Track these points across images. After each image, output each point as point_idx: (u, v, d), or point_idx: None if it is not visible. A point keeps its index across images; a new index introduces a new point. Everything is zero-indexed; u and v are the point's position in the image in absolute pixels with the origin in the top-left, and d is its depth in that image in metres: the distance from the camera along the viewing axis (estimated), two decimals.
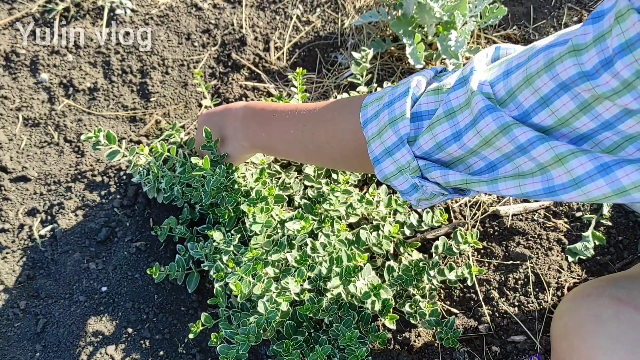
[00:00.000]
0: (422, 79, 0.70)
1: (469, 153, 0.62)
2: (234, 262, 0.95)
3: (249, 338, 0.86)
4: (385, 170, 0.71)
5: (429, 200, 0.73)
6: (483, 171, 0.63)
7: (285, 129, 0.88)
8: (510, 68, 0.57)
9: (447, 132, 0.62)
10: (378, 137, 0.70)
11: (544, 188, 0.56)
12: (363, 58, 1.13)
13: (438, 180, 0.67)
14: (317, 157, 0.89)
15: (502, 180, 0.60)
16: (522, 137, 0.55)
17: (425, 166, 0.67)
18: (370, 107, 0.73)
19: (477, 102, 0.57)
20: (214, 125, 0.99)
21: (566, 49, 0.49)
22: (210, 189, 0.97)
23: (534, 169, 0.57)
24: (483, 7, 1.18)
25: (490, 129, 0.57)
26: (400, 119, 0.67)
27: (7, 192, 1.14)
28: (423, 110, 0.67)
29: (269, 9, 1.38)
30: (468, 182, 0.63)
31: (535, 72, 0.53)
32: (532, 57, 0.54)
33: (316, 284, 0.95)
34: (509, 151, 0.58)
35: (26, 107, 1.24)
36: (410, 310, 0.97)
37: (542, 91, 0.53)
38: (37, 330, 1.01)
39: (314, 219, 1.00)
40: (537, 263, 1.06)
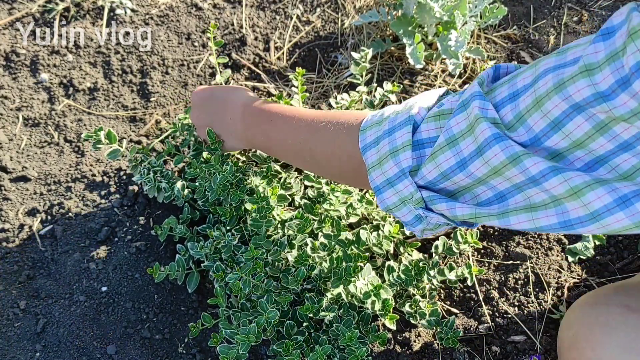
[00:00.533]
0: (423, 105, 0.67)
1: (477, 182, 0.60)
2: (234, 261, 0.95)
3: (249, 338, 0.86)
4: (388, 201, 0.68)
5: (433, 230, 0.71)
6: (492, 201, 0.61)
7: (284, 138, 0.87)
8: (517, 90, 0.55)
9: (451, 161, 0.60)
10: (379, 167, 0.68)
11: (559, 222, 0.53)
12: (362, 58, 1.12)
13: (445, 213, 0.64)
14: (315, 170, 0.89)
15: (513, 213, 0.57)
16: (534, 168, 0.52)
17: (430, 198, 0.65)
18: (369, 131, 0.71)
19: (483, 130, 0.55)
20: (211, 111, 0.98)
21: (578, 69, 0.47)
22: (217, 185, 0.98)
23: (546, 201, 0.54)
24: (483, 7, 1.18)
25: (499, 159, 0.55)
26: (402, 150, 0.65)
27: (7, 192, 1.14)
28: (424, 137, 0.64)
29: (269, 9, 1.38)
30: (477, 216, 0.60)
31: (545, 94, 0.50)
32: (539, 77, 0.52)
33: (316, 284, 0.95)
34: (520, 182, 0.55)
35: (26, 107, 1.24)
36: (410, 310, 0.97)
37: (553, 114, 0.50)
38: (37, 330, 1.01)
39: (314, 219, 1.00)
40: (537, 263, 1.06)
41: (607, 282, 1.04)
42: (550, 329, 1.00)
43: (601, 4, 1.37)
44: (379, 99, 1.12)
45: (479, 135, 0.55)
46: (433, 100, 0.69)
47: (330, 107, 1.22)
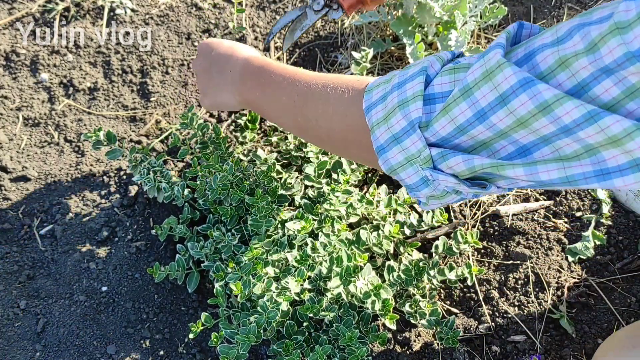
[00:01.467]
0: (437, 60, 0.62)
1: (497, 135, 0.55)
2: (234, 262, 0.95)
3: (249, 338, 0.86)
4: (392, 160, 0.63)
5: (439, 199, 0.65)
6: (513, 157, 0.56)
7: (278, 96, 0.82)
8: (533, 49, 0.51)
9: (467, 113, 0.55)
10: (384, 122, 0.62)
11: (594, 171, 0.49)
12: (363, 58, 1.13)
13: (457, 168, 0.58)
14: (304, 131, 0.83)
15: (541, 162, 0.52)
16: (567, 117, 0.48)
17: (442, 154, 0.59)
18: (375, 90, 0.66)
19: (508, 77, 0.50)
20: (213, 63, 0.96)
21: (607, 27, 0.44)
22: (217, 185, 0.98)
23: (579, 151, 0.50)
24: (483, 7, 1.18)
25: (526, 109, 0.50)
26: (412, 100, 0.60)
27: (7, 192, 1.14)
28: (436, 91, 0.59)
29: (269, 8, 1.38)
30: (499, 166, 0.55)
31: (573, 55, 0.47)
32: (564, 37, 0.48)
33: (316, 284, 0.95)
34: (549, 133, 0.51)
35: (26, 107, 1.24)
36: (411, 310, 0.97)
37: (581, 75, 0.47)
38: (37, 330, 1.01)
39: (314, 219, 1.01)
40: (537, 263, 1.06)
41: (607, 282, 1.04)
42: (550, 329, 1.01)
43: (601, 4, 1.37)
44: None
45: (501, 82, 0.51)
46: (448, 57, 0.63)
47: None
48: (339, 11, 0.98)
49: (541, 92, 0.48)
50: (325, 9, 0.97)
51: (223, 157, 1.05)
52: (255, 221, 0.97)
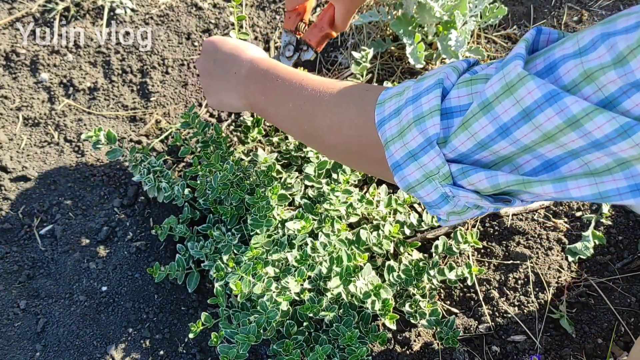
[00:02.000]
0: (453, 71, 0.59)
1: (521, 150, 0.52)
2: (234, 261, 0.95)
3: (249, 338, 0.86)
4: (409, 177, 0.60)
5: (460, 215, 0.63)
6: (538, 171, 0.53)
7: (285, 101, 0.81)
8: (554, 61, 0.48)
9: (488, 129, 0.52)
10: (399, 138, 0.60)
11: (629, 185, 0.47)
12: (363, 58, 1.12)
13: (480, 185, 0.56)
14: (309, 139, 0.82)
15: (571, 178, 0.50)
16: (598, 132, 0.45)
17: (462, 170, 0.56)
18: (388, 103, 0.63)
19: (532, 91, 0.47)
20: (217, 62, 0.94)
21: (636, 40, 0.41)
22: (218, 184, 0.98)
23: (610, 165, 0.47)
24: (483, 6, 1.18)
25: (553, 124, 0.47)
26: (429, 116, 0.57)
27: (7, 191, 1.14)
28: (454, 105, 0.56)
29: (269, 8, 1.38)
30: (525, 183, 0.52)
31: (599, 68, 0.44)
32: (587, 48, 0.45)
33: (316, 284, 0.95)
34: (577, 147, 0.48)
35: (26, 106, 1.24)
36: (410, 310, 0.97)
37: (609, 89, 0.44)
38: (37, 330, 1.01)
39: (314, 219, 1.01)
40: (537, 263, 1.06)
41: (607, 282, 1.04)
42: (550, 329, 1.00)
43: (601, 3, 1.37)
44: None
45: (524, 97, 0.48)
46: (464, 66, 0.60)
47: None
48: (310, 51, 1.03)
49: (569, 106, 0.45)
50: (297, 53, 1.03)
51: (224, 156, 1.05)
52: (255, 221, 0.97)
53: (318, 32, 1.00)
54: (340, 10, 0.97)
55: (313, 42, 1.01)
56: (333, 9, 0.98)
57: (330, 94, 0.74)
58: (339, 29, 1.01)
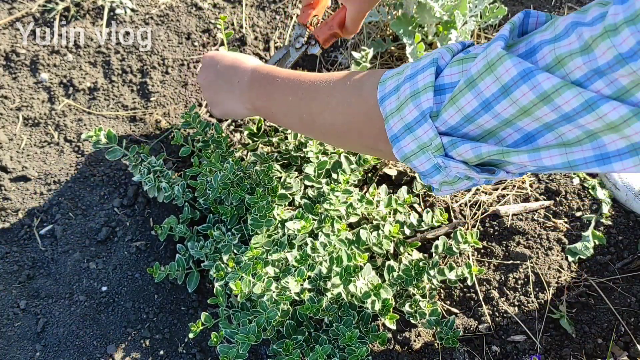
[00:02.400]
0: (448, 51, 0.64)
1: (503, 124, 0.57)
2: (234, 261, 0.95)
3: (249, 338, 0.86)
4: (405, 148, 0.65)
5: (452, 185, 0.68)
6: (518, 144, 0.58)
7: (285, 96, 0.86)
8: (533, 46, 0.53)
9: (473, 103, 0.57)
10: (397, 112, 0.65)
11: (595, 155, 0.51)
12: (363, 58, 1.12)
13: (466, 155, 0.61)
14: (309, 127, 0.85)
15: (544, 149, 0.54)
16: (566, 106, 0.50)
17: (452, 142, 0.61)
18: (389, 81, 0.68)
19: (509, 69, 0.52)
20: (219, 75, 0.98)
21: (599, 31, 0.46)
22: (218, 184, 0.98)
23: (581, 137, 0.52)
24: (483, 6, 1.18)
25: (528, 99, 0.52)
26: (424, 91, 0.62)
27: (7, 191, 1.14)
28: (446, 82, 0.61)
29: (269, 8, 1.38)
30: (504, 152, 0.57)
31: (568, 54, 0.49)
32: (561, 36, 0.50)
33: (316, 284, 0.95)
34: (551, 120, 0.53)
35: (26, 106, 1.24)
36: (410, 310, 0.97)
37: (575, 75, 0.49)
38: (37, 330, 1.01)
39: (314, 219, 1.00)
40: (537, 263, 1.06)
41: (607, 282, 1.04)
42: (550, 328, 1.00)
43: None
44: None
45: (503, 74, 0.53)
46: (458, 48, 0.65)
47: None
48: (317, 46, 1.09)
49: (540, 82, 0.50)
50: (305, 46, 1.10)
51: (224, 156, 1.05)
52: (255, 220, 0.97)
53: (327, 30, 1.06)
54: (351, 12, 1.01)
55: (320, 38, 1.07)
56: (345, 10, 1.03)
57: (326, 81, 0.80)
58: (349, 30, 1.05)
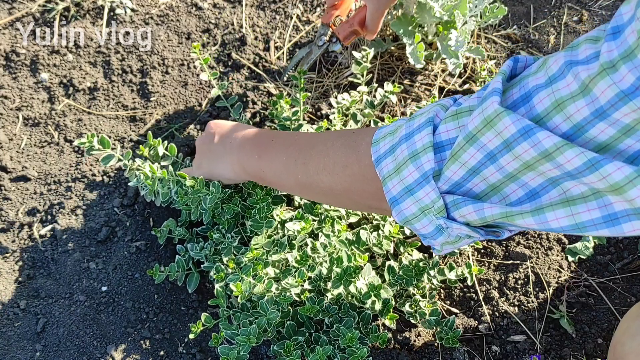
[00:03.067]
0: (441, 109, 0.62)
1: (507, 178, 0.55)
2: (234, 262, 0.95)
3: (249, 339, 0.86)
4: (406, 211, 0.63)
5: (453, 244, 0.65)
6: (522, 201, 0.56)
7: (279, 157, 0.84)
8: (529, 91, 0.52)
9: (477, 156, 0.55)
10: (396, 174, 0.63)
11: (603, 216, 0.49)
12: (364, 58, 1.12)
13: (470, 217, 0.59)
14: (307, 188, 0.83)
15: (549, 209, 0.52)
16: (568, 165, 0.48)
17: (455, 202, 0.59)
18: (382, 142, 0.67)
19: (508, 126, 0.50)
20: (217, 137, 0.97)
21: (596, 70, 0.44)
22: (209, 207, 0.97)
23: (586, 193, 0.50)
24: (483, 6, 1.18)
25: (530, 155, 0.50)
26: (423, 152, 0.60)
27: (7, 191, 1.14)
28: (444, 139, 0.59)
29: (269, 8, 1.38)
30: (509, 215, 0.55)
31: (569, 97, 0.47)
32: (556, 77, 0.49)
33: (316, 285, 0.95)
34: (555, 176, 0.51)
35: (26, 106, 1.24)
36: (411, 310, 0.97)
37: (575, 118, 0.47)
38: (37, 330, 1.01)
39: (314, 219, 1.00)
40: (537, 263, 1.06)
41: (607, 282, 1.04)
42: (550, 328, 1.01)
43: (601, 3, 1.37)
44: (380, 100, 1.12)
45: (503, 130, 0.51)
46: (450, 103, 0.64)
47: (331, 107, 1.22)
48: (337, 44, 1.15)
49: (541, 140, 0.48)
50: (327, 44, 1.16)
51: None
52: (256, 222, 0.96)
53: (348, 28, 1.09)
54: (370, 9, 1.02)
55: (341, 35, 1.11)
56: (366, 9, 1.04)
57: (321, 141, 0.78)
58: (369, 28, 1.06)
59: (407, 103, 1.25)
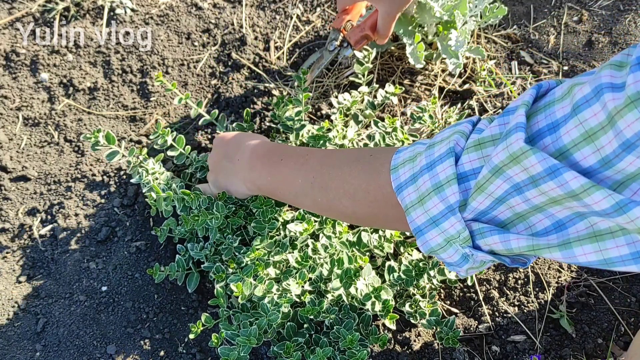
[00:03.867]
0: (461, 137, 0.61)
1: (533, 209, 0.55)
2: (234, 262, 0.95)
3: (250, 340, 0.86)
4: (432, 242, 0.63)
5: (479, 268, 0.66)
6: (549, 231, 0.55)
7: (293, 178, 0.83)
8: (556, 120, 0.50)
9: (504, 187, 0.55)
10: (420, 205, 0.62)
11: (631, 253, 0.48)
12: (366, 58, 1.12)
13: (495, 247, 0.58)
14: (328, 211, 0.83)
15: (576, 244, 0.52)
16: (596, 206, 0.47)
17: (481, 230, 0.59)
18: (402, 169, 0.66)
19: (534, 164, 0.50)
20: (225, 154, 0.97)
21: (623, 101, 0.43)
22: (215, 228, 0.98)
23: (614, 228, 0.49)
24: (483, 6, 1.18)
25: (556, 193, 0.50)
26: (447, 185, 0.60)
27: (7, 191, 1.14)
28: (467, 170, 0.59)
29: (269, 8, 1.38)
30: (535, 248, 0.54)
31: (599, 128, 0.46)
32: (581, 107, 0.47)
33: (317, 286, 0.95)
34: (583, 211, 0.50)
35: (26, 106, 1.24)
36: (411, 310, 0.97)
37: (605, 151, 0.46)
38: (37, 330, 1.01)
39: (316, 221, 1.00)
40: (537, 263, 1.06)
41: (607, 282, 1.04)
42: (550, 328, 1.01)
43: (601, 3, 1.37)
44: (381, 100, 1.12)
45: (529, 167, 0.51)
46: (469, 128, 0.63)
47: (331, 107, 1.22)
48: (349, 49, 1.13)
49: (568, 182, 0.48)
50: (338, 49, 1.14)
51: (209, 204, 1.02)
52: (258, 223, 0.97)
53: (359, 32, 1.09)
54: (381, 13, 1.02)
55: (352, 40, 1.10)
56: (377, 13, 1.04)
57: (338, 166, 0.77)
58: (380, 32, 1.06)
59: (407, 103, 1.25)
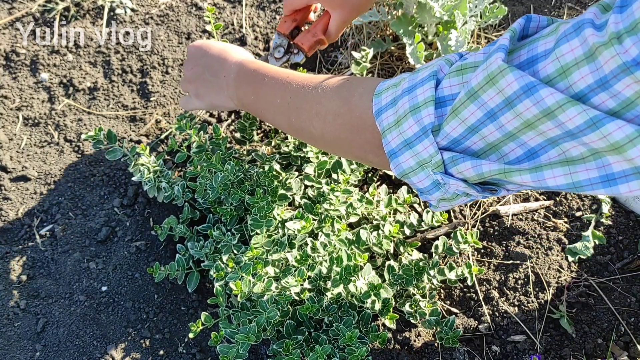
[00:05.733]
0: (446, 63, 0.62)
1: (506, 137, 0.55)
2: (234, 261, 0.95)
3: (249, 338, 0.86)
4: (404, 164, 0.64)
5: (450, 202, 0.66)
6: (521, 160, 0.56)
7: (273, 98, 0.85)
8: (536, 54, 0.51)
9: (477, 114, 0.55)
10: (396, 127, 0.63)
11: (600, 176, 0.49)
12: (363, 58, 1.13)
13: (467, 173, 0.59)
14: (298, 132, 0.85)
15: (547, 167, 0.52)
16: (570, 123, 0.48)
17: (453, 158, 0.59)
18: (385, 94, 0.66)
19: (511, 83, 0.50)
20: (206, 67, 0.98)
21: (606, 38, 0.44)
22: (219, 184, 0.98)
23: (585, 154, 0.50)
24: (483, 6, 1.18)
25: (531, 113, 0.50)
26: (424, 106, 0.60)
27: (7, 191, 1.14)
28: (446, 94, 0.59)
29: (269, 8, 1.38)
30: (506, 172, 0.55)
31: (574, 63, 0.47)
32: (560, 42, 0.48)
33: (316, 284, 0.95)
34: (555, 136, 0.51)
35: (26, 106, 1.24)
36: (411, 310, 0.97)
37: (578, 86, 0.47)
38: (37, 330, 1.01)
39: (314, 219, 1.00)
40: (537, 263, 1.06)
41: (607, 282, 1.04)
42: (550, 328, 1.01)
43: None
44: None
45: (505, 87, 0.51)
46: (456, 58, 0.62)
47: None
48: (300, 54, 1.06)
49: (543, 98, 0.48)
50: (287, 55, 1.07)
51: (224, 157, 1.05)
52: (256, 221, 0.97)
53: (311, 37, 1.04)
54: (336, 19, 1.00)
55: (305, 46, 1.04)
56: (328, 17, 1.01)
57: (314, 88, 0.78)
58: (331, 37, 1.04)
59: None
